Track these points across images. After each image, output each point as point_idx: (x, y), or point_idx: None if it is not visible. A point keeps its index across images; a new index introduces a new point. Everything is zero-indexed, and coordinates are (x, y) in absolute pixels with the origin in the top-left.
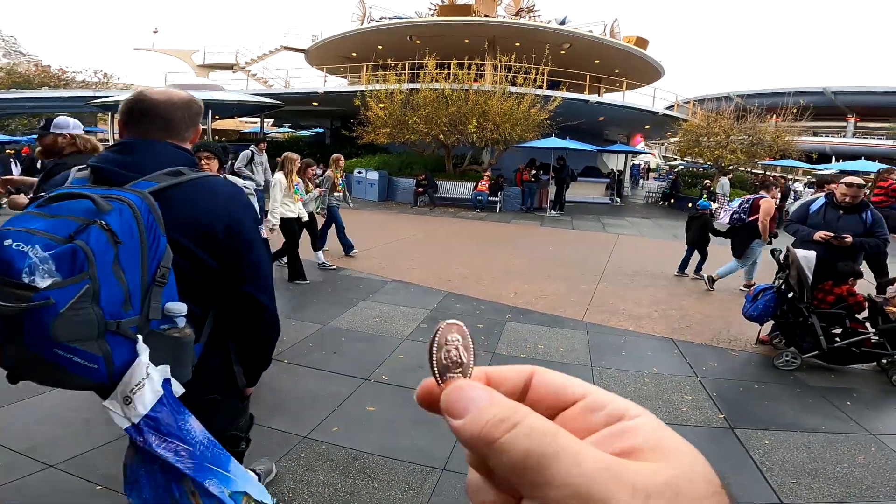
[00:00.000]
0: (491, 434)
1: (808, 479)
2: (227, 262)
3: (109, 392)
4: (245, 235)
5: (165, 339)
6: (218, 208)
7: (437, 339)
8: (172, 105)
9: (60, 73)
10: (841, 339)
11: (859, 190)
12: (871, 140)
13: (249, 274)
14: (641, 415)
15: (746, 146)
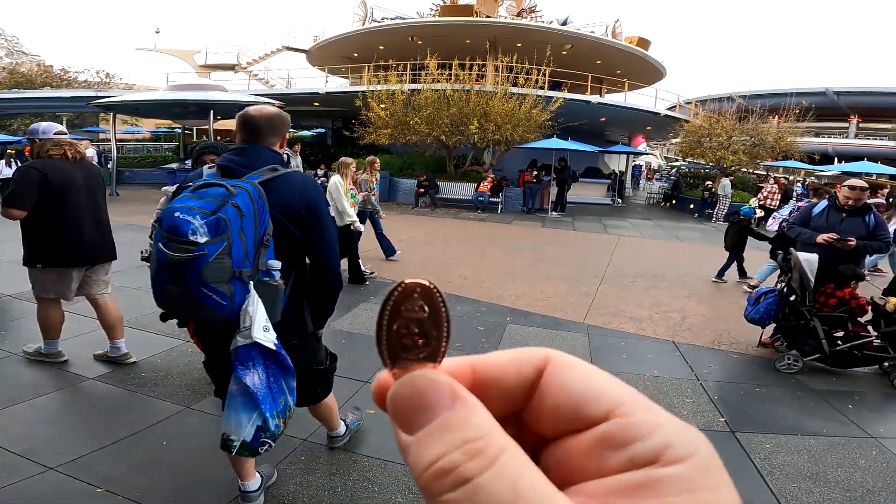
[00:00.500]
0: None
1: (809, 483)
2: (306, 233)
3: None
4: (319, 214)
5: (266, 287)
6: (301, 195)
7: (390, 305)
8: (263, 119)
9: (63, 72)
10: (843, 342)
11: (862, 193)
12: (874, 141)
13: (321, 242)
14: (685, 460)
15: (748, 147)
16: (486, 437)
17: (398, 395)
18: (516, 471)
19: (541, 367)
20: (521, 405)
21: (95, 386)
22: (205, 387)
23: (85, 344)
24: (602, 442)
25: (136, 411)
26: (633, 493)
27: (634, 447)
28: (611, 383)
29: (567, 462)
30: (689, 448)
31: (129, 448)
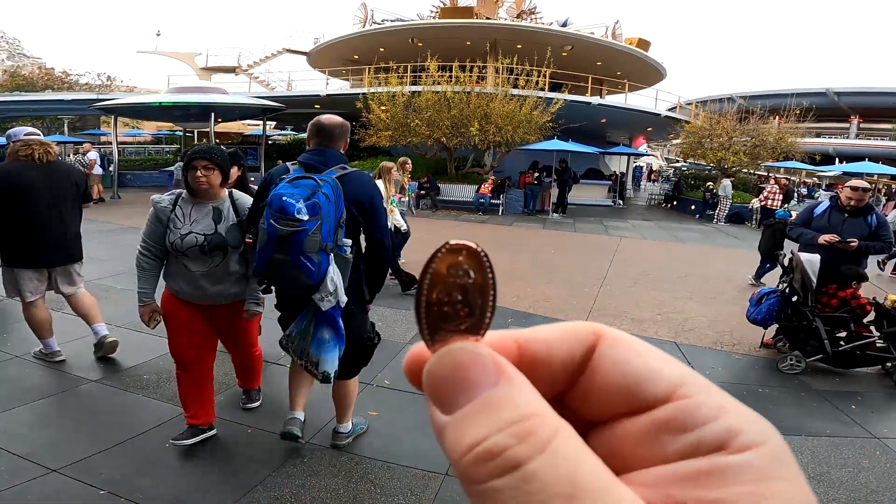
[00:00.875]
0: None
1: (813, 483)
2: (367, 219)
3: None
4: (376, 205)
5: (341, 259)
6: (365, 189)
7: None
8: (333, 126)
9: (64, 75)
10: (845, 342)
11: (864, 194)
12: (875, 141)
13: (378, 226)
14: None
15: (749, 148)
16: (537, 417)
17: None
18: (571, 456)
19: (592, 344)
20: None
21: (97, 388)
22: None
23: (86, 347)
24: (661, 426)
25: (138, 413)
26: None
27: (698, 432)
28: (670, 363)
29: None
30: (759, 436)
31: (132, 450)
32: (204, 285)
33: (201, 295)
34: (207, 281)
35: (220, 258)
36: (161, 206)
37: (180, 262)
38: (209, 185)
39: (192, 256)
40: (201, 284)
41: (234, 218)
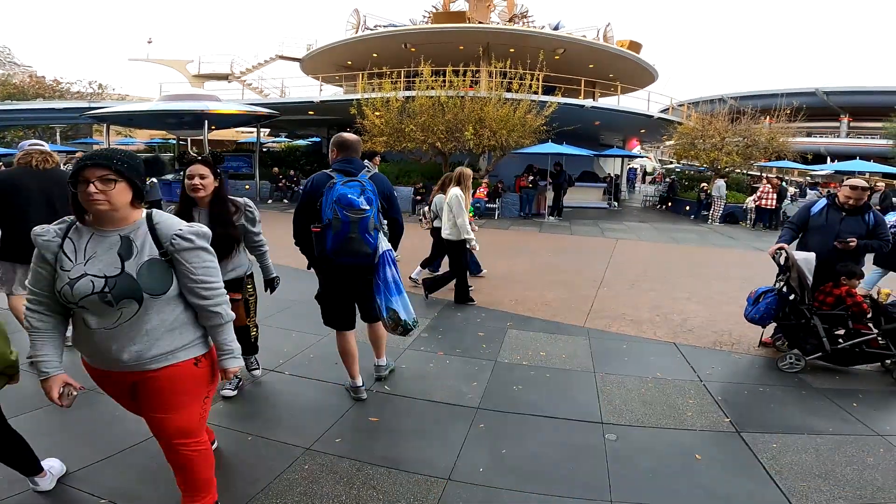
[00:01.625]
0: None
1: (819, 481)
2: (390, 206)
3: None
4: (394, 196)
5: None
6: (387, 186)
7: None
8: (353, 141)
9: (55, 83)
10: (844, 340)
11: (863, 192)
12: (865, 140)
13: (396, 210)
14: None
15: (741, 148)
16: None
17: None
18: None
19: None
20: None
21: (98, 396)
22: None
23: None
24: None
25: (139, 421)
26: None
27: None
28: None
29: None
30: None
31: (133, 458)
32: (110, 348)
33: (109, 362)
34: (116, 342)
35: (134, 309)
36: (44, 239)
37: (79, 315)
38: (110, 204)
39: (92, 308)
40: (107, 347)
41: (154, 251)
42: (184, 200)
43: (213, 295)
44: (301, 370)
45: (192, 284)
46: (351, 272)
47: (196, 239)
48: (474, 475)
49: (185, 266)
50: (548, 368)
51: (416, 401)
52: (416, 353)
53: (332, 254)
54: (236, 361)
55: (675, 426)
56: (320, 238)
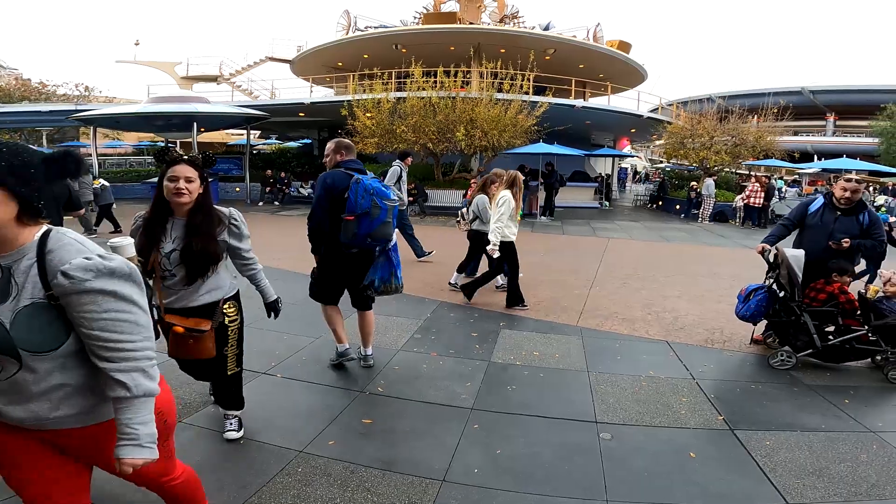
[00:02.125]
0: None
1: (813, 478)
2: None
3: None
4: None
5: None
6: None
7: None
8: (352, 144)
9: (41, 86)
10: (834, 336)
11: (858, 186)
12: (852, 138)
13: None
14: None
15: (730, 147)
16: None
17: None
18: None
19: None
20: None
21: None
22: (197, 400)
23: None
24: None
25: None
26: None
27: None
28: None
29: None
30: None
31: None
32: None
33: None
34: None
35: (12, 369)
36: None
37: None
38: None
39: None
40: None
41: (39, 291)
42: (157, 206)
43: (116, 357)
44: (293, 372)
45: (86, 340)
46: (364, 256)
47: (89, 279)
48: (469, 476)
49: (75, 316)
50: (541, 368)
51: (409, 402)
52: (409, 354)
53: (366, 238)
54: (137, 452)
55: (669, 424)
56: (352, 225)
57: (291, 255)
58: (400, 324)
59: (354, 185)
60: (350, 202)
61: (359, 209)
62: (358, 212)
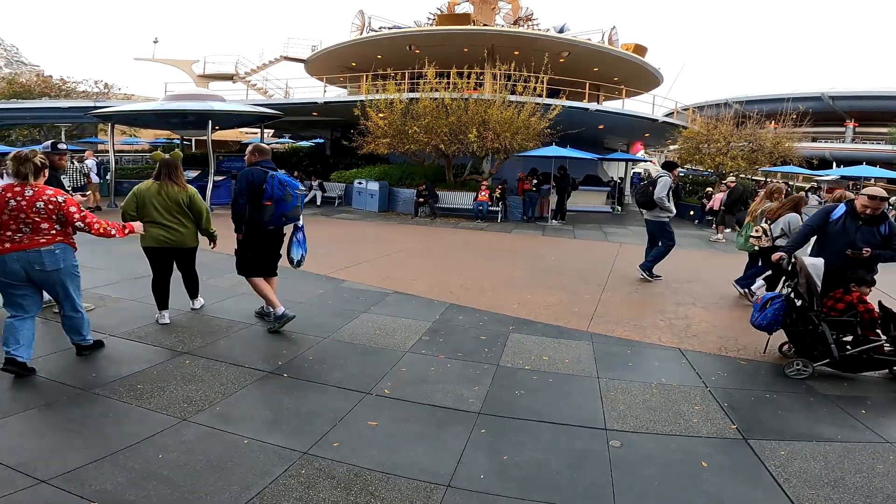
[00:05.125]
0: None
1: (828, 489)
2: None
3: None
4: None
5: None
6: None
7: None
8: (269, 149)
9: (62, 83)
10: (852, 346)
11: (881, 202)
12: (871, 145)
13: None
14: None
15: (747, 153)
16: None
17: None
18: None
19: None
20: None
21: (89, 398)
22: (201, 398)
23: (75, 357)
24: None
25: (130, 424)
26: None
27: None
28: None
29: None
30: None
31: (124, 461)
32: None
33: None
34: None
35: None
36: None
37: None
38: None
39: None
40: None
41: None
42: None
43: None
44: (299, 372)
45: None
46: (277, 233)
47: None
48: (475, 482)
49: None
50: (550, 373)
51: (416, 405)
52: (416, 356)
53: (281, 217)
54: None
55: (681, 433)
56: (271, 209)
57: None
58: (407, 325)
59: (270, 179)
60: (268, 191)
61: (276, 196)
62: (275, 198)
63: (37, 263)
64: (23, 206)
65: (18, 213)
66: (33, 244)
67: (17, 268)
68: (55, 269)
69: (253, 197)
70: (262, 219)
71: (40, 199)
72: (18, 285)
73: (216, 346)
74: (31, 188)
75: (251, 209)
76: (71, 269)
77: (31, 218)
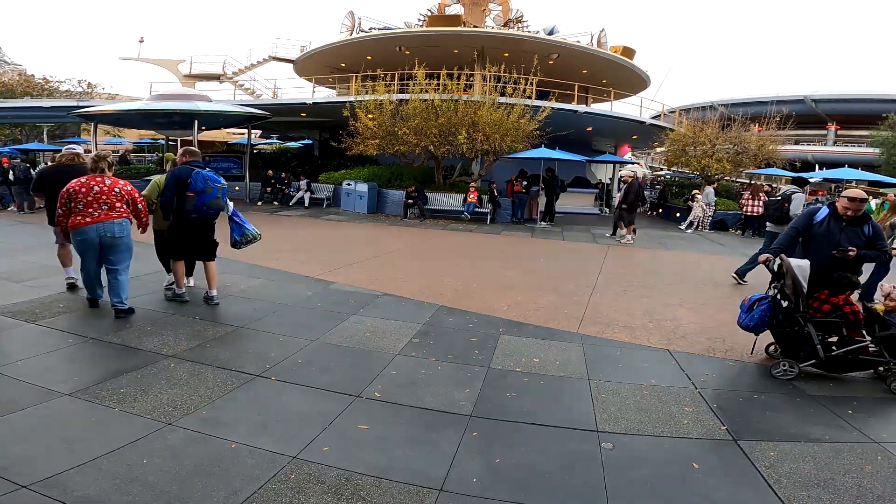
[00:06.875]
0: None
1: (818, 490)
2: None
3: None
4: None
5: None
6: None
7: None
8: (193, 150)
9: (44, 82)
10: (838, 347)
11: (861, 204)
12: (852, 148)
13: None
14: None
15: (732, 155)
16: None
17: None
18: None
19: None
20: None
21: (71, 402)
22: (187, 402)
23: (57, 361)
24: None
25: (114, 428)
26: None
27: None
28: None
29: None
30: None
31: (107, 466)
32: None
33: None
34: None
35: None
36: None
37: None
38: None
39: None
40: None
41: None
42: None
43: None
44: (288, 375)
45: None
46: (205, 221)
47: None
48: (467, 485)
49: None
50: (541, 375)
51: (406, 408)
52: (407, 359)
53: (204, 207)
54: None
55: (672, 434)
56: (194, 199)
57: (286, 255)
58: (398, 328)
59: (195, 175)
60: (192, 185)
61: (197, 188)
62: (197, 190)
63: (109, 231)
64: (104, 190)
65: (99, 196)
66: (108, 217)
67: (94, 236)
68: (122, 235)
69: (179, 190)
70: (186, 207)
71: (116, 185)
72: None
73: (202, 350)
74: (108, 178)
75: (178, 200)
76: (130, 241)
77: (110, 200)
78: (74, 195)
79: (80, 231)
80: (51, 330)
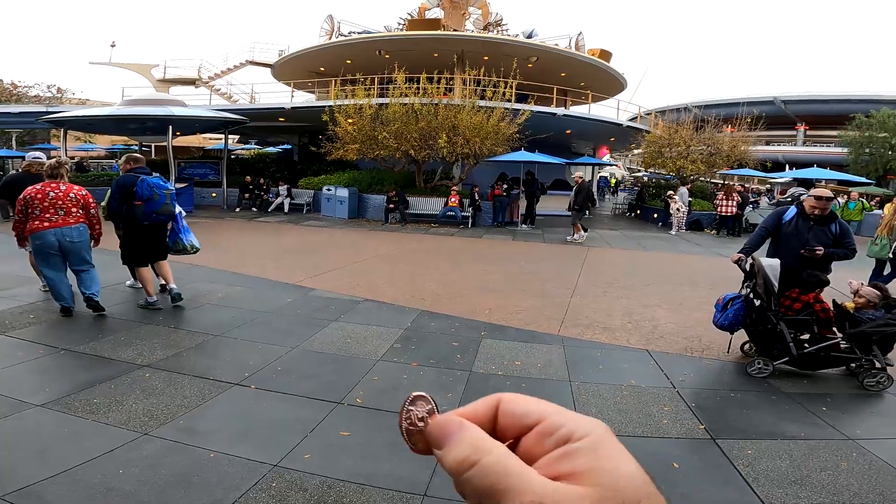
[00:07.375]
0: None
1: (796, 487)
2: None
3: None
4: None
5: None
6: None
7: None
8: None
9: (12, 87)
10: (810, 344)
11: (828, 203)
12: (822, 148)
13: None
14: (586, 435)
15: (706, 156)
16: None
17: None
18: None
19: (496, 405)
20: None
21: (43, 413)
22: (163, 412)
23: (27, 372)
24: (539, 434)
25: (89, 439)
26: (562, 460)
27: (557, 433)
28: (537, 403)
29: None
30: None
31: (83, 476)
32: None
33: None
34: None
35: None
36: None
37: None
38: None
39: None
40: None
41: None
42: None
43: None
44: (267, 383)
45: None
46: (159, 227)
47: None
48: (451, 490)
49: None
50: (523, 378)
51: (389, 413)
52: (389, 364)
53: (153, 214)
54: None
55: (652, 434)
56: (142, 207)
57: (265, 262)
58: (379, 333)
59: (140, 182)
60: (138, 192)
61: (144, 196)
62: (144, 198)
63: (68, 237)
64: (60, 195)
65: (55, 201)
66: (65, 223)
67: (53, 240)
68: (81, 240)
69: (125, 198)
70: (136, 216)
71: (71, 191)
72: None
73: (178, 359)
74: (63, 184)
75: (127, 209)
76: (88, 242)
77: (66, 205)
78: (31, 201)
79: (39, 235)
80: (20, 341)
